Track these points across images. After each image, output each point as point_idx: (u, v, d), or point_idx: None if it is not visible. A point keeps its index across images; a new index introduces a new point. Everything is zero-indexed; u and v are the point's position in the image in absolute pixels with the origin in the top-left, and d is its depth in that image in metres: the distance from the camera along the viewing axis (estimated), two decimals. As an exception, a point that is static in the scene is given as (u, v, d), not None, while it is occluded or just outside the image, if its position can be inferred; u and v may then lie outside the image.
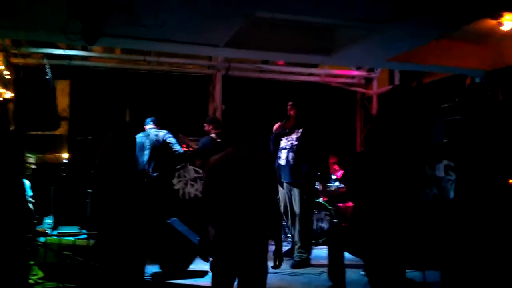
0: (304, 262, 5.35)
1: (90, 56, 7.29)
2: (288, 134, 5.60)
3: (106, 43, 5.91)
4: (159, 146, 6.00)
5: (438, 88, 7.02)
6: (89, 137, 6.61)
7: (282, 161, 5.53)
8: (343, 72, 8.38)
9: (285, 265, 5.27)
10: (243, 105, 7.94)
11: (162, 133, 6.02)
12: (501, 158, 3.99)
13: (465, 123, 4.35)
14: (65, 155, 6.78)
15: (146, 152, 5.97)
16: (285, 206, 5.61)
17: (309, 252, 5.50)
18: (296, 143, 5.48)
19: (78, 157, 6.67)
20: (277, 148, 5.64)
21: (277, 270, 4.82)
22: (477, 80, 6.22)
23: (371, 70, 8.39)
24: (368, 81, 8.68)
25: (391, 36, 5.04)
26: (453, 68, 6.34)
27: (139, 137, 5.97)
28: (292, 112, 5.59)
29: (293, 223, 5.59)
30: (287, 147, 5.54)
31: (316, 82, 8.37)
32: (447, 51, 6.01)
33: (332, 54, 5.78)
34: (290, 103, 5.65)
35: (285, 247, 6.07)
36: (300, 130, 5.52)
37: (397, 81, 7.81)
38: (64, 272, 4.14)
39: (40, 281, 4.35)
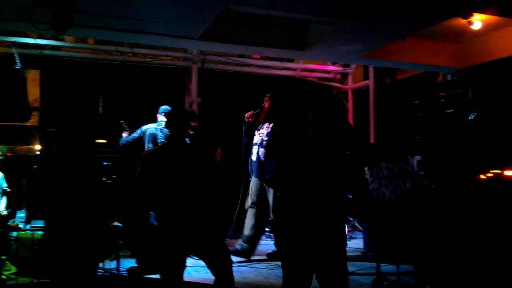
0: (246, 252, 5.20)
1: (61, 46, 7.10)
2: (261, 128, 5.42)
3: (77, 33, 5.76)
4: None
5: (411, 85, 7.18)
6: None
7: (254, 157, 5.37)
8: (319, 67, 8.45)
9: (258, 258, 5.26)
10: (219, 99, 7.91)
11: None
12: (470, 154, 4.14)
13: (436, 120, 4.47)
14: (37, 147, 6.60)
15: None
16: (253, 201, 5.32)
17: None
18: (266, 138, 5.32)
19: (50, 149, 6.50)
20: (251, 141, 5.43)
21: (255, 264, 4.81)
22: (449, 77, 6.39)
23: (346, 65, 8.47)
24: (343, 76, 8.77)
25: (361, 33, 5.12)
26: (424, 65, 6.50)
27: (150, 128, 5.65)
28: (266, 105, 5.40)
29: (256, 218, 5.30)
30: (258, 142, 5.37)
31: (292, 76, 8.41)
32: (419, 49, 6.16)
33: (306, 49, 5.83)
34: (267, 95, 5.49)
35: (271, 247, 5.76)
36: (271, 125, 5.35)
37: (371, 77, 7.92)
38: (38, 267, 4.06)
39: (13, 276, 4.26)
